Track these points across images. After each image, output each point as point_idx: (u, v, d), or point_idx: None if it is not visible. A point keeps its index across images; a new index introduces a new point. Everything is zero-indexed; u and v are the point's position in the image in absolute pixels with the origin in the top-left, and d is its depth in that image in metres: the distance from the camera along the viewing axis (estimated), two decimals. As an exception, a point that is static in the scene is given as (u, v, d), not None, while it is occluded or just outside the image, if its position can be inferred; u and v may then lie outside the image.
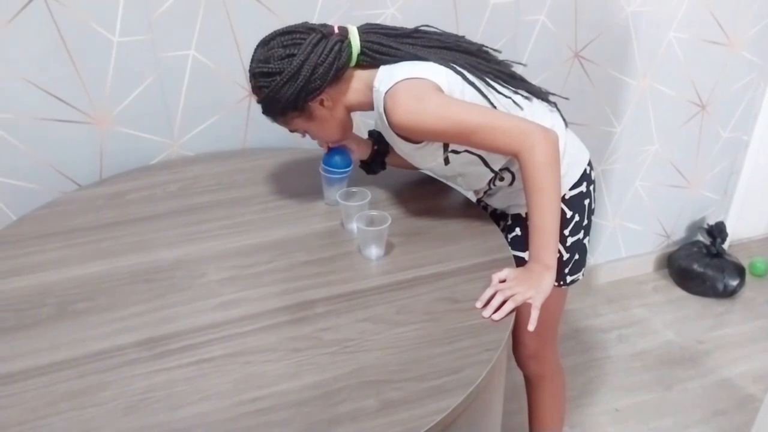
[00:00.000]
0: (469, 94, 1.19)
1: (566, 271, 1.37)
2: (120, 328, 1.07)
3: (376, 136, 1.43)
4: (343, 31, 1.22)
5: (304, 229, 1.33)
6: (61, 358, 1.01)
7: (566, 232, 1.33)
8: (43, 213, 1.41)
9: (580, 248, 1.37)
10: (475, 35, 1.80)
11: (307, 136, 1.31)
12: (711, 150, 2.34)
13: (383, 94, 1.16)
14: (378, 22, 1.27)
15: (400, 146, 1.25)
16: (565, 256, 1.35)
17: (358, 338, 1.05)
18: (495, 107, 1.20)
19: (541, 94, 1.32)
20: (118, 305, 1.13)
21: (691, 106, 2.21)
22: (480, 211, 1.40)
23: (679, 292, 2.45)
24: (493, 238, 1.30)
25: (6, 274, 1.21)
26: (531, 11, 1.84)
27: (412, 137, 1.19)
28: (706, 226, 2.46)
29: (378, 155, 1.44)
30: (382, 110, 1.17)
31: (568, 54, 1.94)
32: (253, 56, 1.21)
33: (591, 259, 2.43)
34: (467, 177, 1.33)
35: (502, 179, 1.30)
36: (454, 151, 1.23)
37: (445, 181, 1.45)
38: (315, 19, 1.60)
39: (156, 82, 1.56)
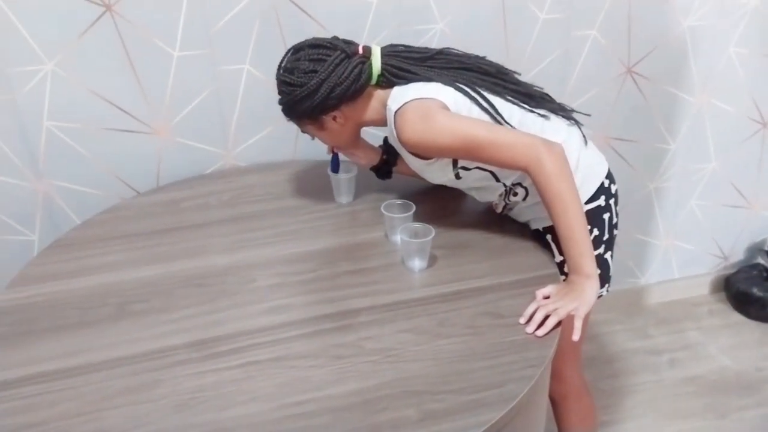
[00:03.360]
0: (476, 113, 1.22)
1: None
2: (173, 330, 1.11)
3: (387, 146, 1.49)
4: (367, 52, 1.27)
5: (349, 239, 1.36)
6: (119, 356, 1.06)
7: None
8: (105, 218, 1.47)
9: (601, 263, 1.34)
10: (525, 51, 1.80)
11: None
12: (772, 169, 2.26)
13: (394, 113, 1.21)
14: (402, 43, 1.34)
15: (411, 162, 1.30)
16: None
17: (400, 348, 1.06)
18: (508, 125, 1.23)
19: (561, 111, 1.33)
20: (171, 307, 1.17)
21: (752, 123, 2.14)
22: (524, 226, 1.39)
23: (737, 317, 2.36)
24: (536, 254, 1.29)
25: (72, 274, 1.27)
26: (582, 26, 1.82)
27: (421, 153, 1.24)
28: (767, 249, 2.37)
29: (385, 164, 1.50)
30: (393, 128, 1.23)
31: (621, 69, 1.92)
32: (282, 59, 1.29)
33: (642, 279, 2.37)
34: (482, 191, 1.35)
35: (515, 194, 1.31)
36: (465, 168, 1.27)
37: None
38: (365, 36, 1.64)
39: (212, 95, 1.61)
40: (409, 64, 1.28)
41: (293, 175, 1.65)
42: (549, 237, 1.33)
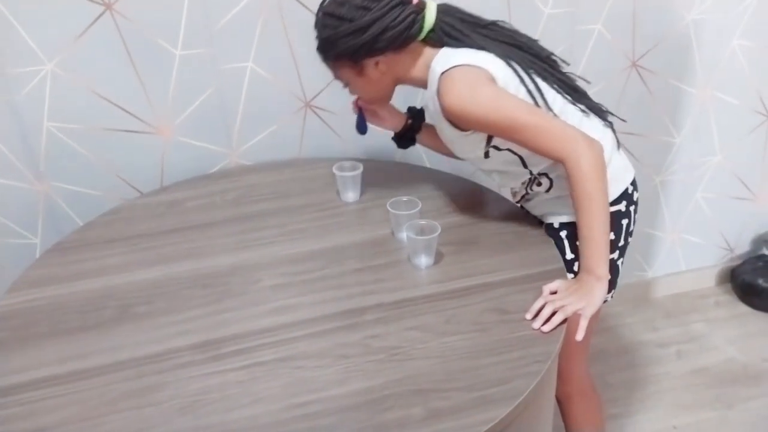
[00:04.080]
0: (522, 94, 1.19)
1: None
2: (177, 331, 1.11)
3: (413, 113, 1.46)
4: (422, 4, 1.22)
5: (355, 237, 1.35)
6: (122, 359, 1.05)
7: None
8: (107, 219, 1.47)
9: (612, 269, 1.30)
10: (530, 45, 1.78)
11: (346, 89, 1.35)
12: (778, 161, 2.25)
13: (439, 75, 1.17)
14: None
15: (445, 131, 1.26)
16: None
17: (407, 346, 1.05)
18: (551, 113, 1.20)
19: (599, 112, 1.30)
20: (175, 309, 1.16)
21: (757, 115, 2.12)
22: (531, 221, 1.38)
23: (743, 308, 2.35)
24: (544, 248, 1.28)
25: (73, 277, 1.27)
26: (587, 20, 1.81)
27: (459, 123, 1.20)
28: (772, 240, 2.36)
29: (410, 130, 1.47)
30: (435, 90, 1.18)
31: (626, 63, 1.91)
32: None
33: (649, 272, 2.36)
34: (506, 175, 1.32)
35: (539, 184, 1.29)
36: (496, 147, 1.23)
37: (483, 173, 1.43)
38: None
39: (215, 94, 1.61)
40: (463, 25, 1.23)
41: (298, 173, 1.64)
42: (564, 233, 1.30)
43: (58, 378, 1.02)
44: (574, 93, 1.27)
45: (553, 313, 1.09)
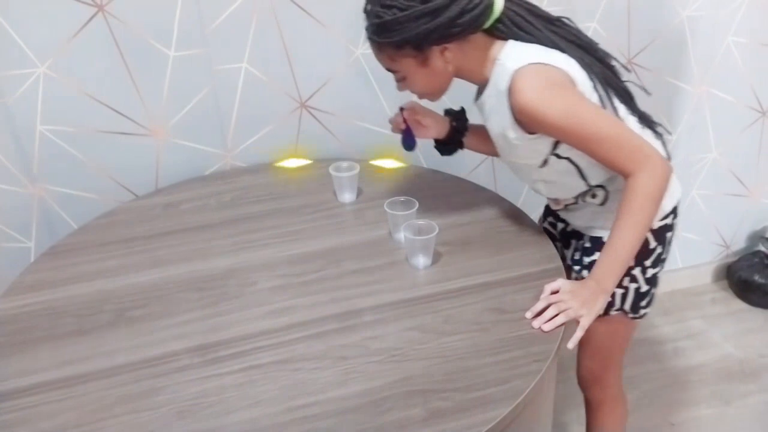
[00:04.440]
0: (595, 100, 1.12)
1: (642, 303, 1.29)
2: (173, 335, 1.10)
3: (454, 115, 1.36)
4: None
5: (352, 238, 1.34)
6: (118, 363, 1.04)
7: (648, 263, 1.25)
8: (102, 222, 1.46)
9: (654, 282, 1.30)
10: (524, 43, 1.78)
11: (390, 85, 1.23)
12: (772, 157, 2.25)
13: (512, 71, 1.08)
14: None
15: (507, 132, 1.15)
16: (644, 288, 1.27)
17: (406, 347, 1.05)
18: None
19: (650, 122, 1.24)
20: (171, 312, 1.16)
21: (751, 112, 2.13)
22: (529, 220, 1.38)
23: (740, 304, 2.36)
24: (543, 247, 1.28)
25: (68, 281, 1.26)
26: (582, 18, 1.81)
27: (529, 125, 1.11)
28: (767, 236, 2.36)
29: (456, 133, 1.36)
30: (505, 87, 1.09)
31: (621, 61, 1.90)
32: None
33: (645, 270, 2.36)
34: (554, 185, 1.25)
35: (594, 196, 1.23)
36: (558, 155, 1.16)
37: (525, 182, 1.36)
38: (363, 32, 1.61)
39: (210, 95, 1.60)
40: (533, 17, 1.13)
41: (294, 174, 1.63)
42: None
43: (55, 383, 1.01)
44: (631, 102, 1.21)
45: (556, 314, 1.08)
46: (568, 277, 1.25)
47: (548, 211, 1.47)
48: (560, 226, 1.42)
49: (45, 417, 0.95)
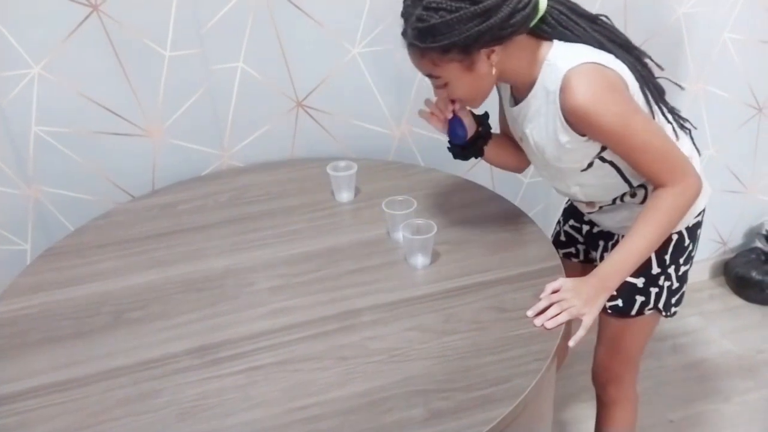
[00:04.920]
0: (642, 105, 1.11)
1: (673, 301, 1.29)
2: (172, 336, 1.09)
3: (478, 118, 1.28)
4: None
5: (351, 237, 1.34)
6: (117, 366, 1.04)
7: (681, 261, 1.26)
8: (99, 224, 1.45)
9: (684, 279, 1.30)
10: (521, 41, 1.78)
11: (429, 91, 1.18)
12: (769, 153, 2.26)
13: (565, 70, 1.04)
14: None
15: (559, 136, 1.11)
16: (675, 285, 1.28)
17: (405, 347, 1.05)
18: None
19: (680, 119, 1.23)
20: (170, 314, 1.15)
21: (748, 108, 2.13)
22: (528, 218, 1.38)
23: (737, 301, 2.36)
24: (542, 246, 1.28)
25: (66, 283, 1.25)
26: (578, 15, 1.81)
27: (579, 126, 1.07)
28: (764, 233, 2.37)
29: (479, 138, 1.28)
30: (556, 87, 1.05)
31: (617, 58, 1.90)
32: None
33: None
34: (593, 188, 1.22)
35: (633, 195, 1.21)
36: (603, 159, 1.14)
37: (554, 187, 1.33)
38: (361, 29, 1.61)
39: (206, 95, 1.59)
40: (576, 16, 1.09)
41: (292, 174, 1.63)
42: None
43: (52, 386, 1.00)
44: (663, 98, 1.19)
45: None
46: None
47: (569, 215, 1.46)
48: (585, 228, 1.41)
49: (43, 421, 0.94)
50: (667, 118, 1.17)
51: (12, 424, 0.94)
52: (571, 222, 1.45)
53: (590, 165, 1.15)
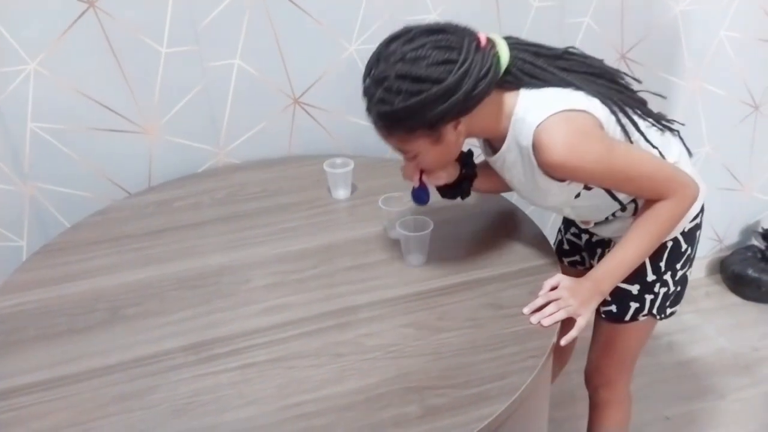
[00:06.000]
0: (619, 134, 1.09)
1: (667, 303, 1.29)
2: (167, 333, 1.09)
3: (462, 159, 1.25)
4: (491, 42, 1.03)
5: (347, 234, 1.34)
6: (112, 362, 1.04)
7: (678, 266, 1.25)
8: (95, 220, 1.45)
9: (685, 281, 1.30)
10: (518, 38, 1.78)
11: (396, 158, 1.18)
12: (765, 152, 2.26)
13: (533, 126, 1.01)
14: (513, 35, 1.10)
15: (537, 182, 1.09)
16: (672, 289, 1.27)
17: (401, 344, 1.04)
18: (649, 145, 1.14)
19: (667, 124, 1.21)
20: (165, 310, 1.15)
21: (744, 106, 2.13)
22: (523, 215, 1.38)
23: (733, 298, 2.37)
24: (537, 243, 1.28)
25: (60, 279, 1.25)
26: (575, 14, 1.81)
27: (561, 176, 1.06)
28: (760, 230, 2.37)
29: (465, 179, 1.26)
30: (528, 143, 1.03)
31: (614, 56, 1.90)
32: (384, 54, 0.99)
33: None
34: (585, 209, 1.21)
35: (624, 210, 1.20)
36: (588, 188, 1.13)
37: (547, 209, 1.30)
38: (357, 26, 1.61)
39: (202, 92, 1.59)
40: (540, 60, 1.06)
41: (288, 171, 1.62)
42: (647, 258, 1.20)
43: (48, 383, 1.00)
44: (646, 110, 1.17)
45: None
46: None
47: (569, 223, 1.46)
48: (585, 237, 1.41)
49: (38, 417, 0.94)
50: (648, 140, 1.14)
51: (6, 420, 0.94)
52: (573, 230, 1.44)
53: (578, 195, 1.14)
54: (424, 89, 0.95)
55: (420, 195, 1.20)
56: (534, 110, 1.02)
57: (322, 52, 1.62)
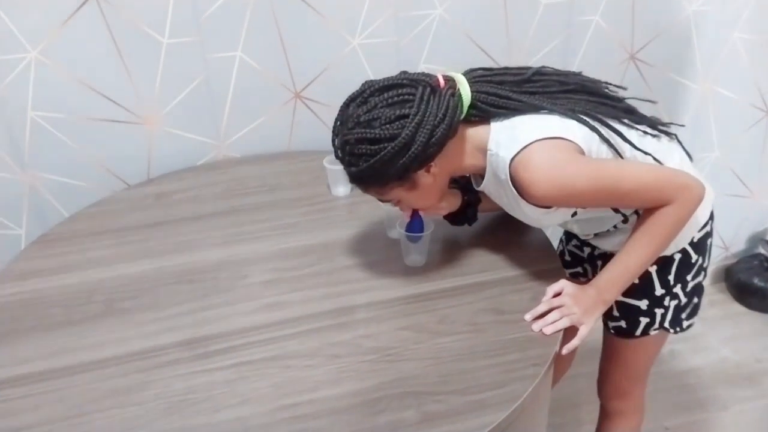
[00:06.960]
0: (605, 151, 1.06)
1: (683, 316, 1.25)
2: (163, 328, 1.08)
3: (463, 185, 1.24)
4: (450, 81, 1.04)
5: (346, 232, 1.32)
6: (106, 356, 1.03)
7: (689, 277, 1.22)
8: (94, 211, 1.43)
9: (698, 291, 1.26)
10: (526, 37, 1.76)
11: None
12: (776, 158, 2.23)
13: (508, 161, 1.00)
14: (480, 66, 1.10)
15: (525, 212, 1.09)
16: (683, 300, 1.23)
17: (399, 347, 1.03)
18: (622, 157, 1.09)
19: (661, 128, 1.17)
20: (161, 305, 1.13)
21: (755, 111, 2.10)
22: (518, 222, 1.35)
23: (738, 308, 2.34)
24: (540, 247, 1.26)
25: (57, 270, 1.24)
26: (584, 11, 1.78)
27: (550, 205, 1.05)
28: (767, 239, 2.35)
29: (469, 206, 1.25)
30: (506, 177, 1.02)
31: (623, 56, 1.88)
32: (344, 117, 1.03)
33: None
34: (587, 223, 1.19)
35: (626, 221, 1.16)
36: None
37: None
38: (361, 21, 1.59)
39: (203, 84, 1.57)
40: (504, 89, 1.05)
41: (288, 166, 1.61)
42: (654, 268, 1.18)
43: (40, 375, 0.99)
44: (633, 116, 1.14)
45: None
46: None
47: (570, 235, 1.42)
48: (587, 249, 1.38)
49: (29, 409, 0.93)
50: (639, 149, 1.10)
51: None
52: (575, 242, 1.41)
53: (574, 214, 1.12)
54: (381, 149, 0.98)
55: (413, 227, 1.18)
56: (506, 144, 1.02)
57: (325, 46, 1.60)
